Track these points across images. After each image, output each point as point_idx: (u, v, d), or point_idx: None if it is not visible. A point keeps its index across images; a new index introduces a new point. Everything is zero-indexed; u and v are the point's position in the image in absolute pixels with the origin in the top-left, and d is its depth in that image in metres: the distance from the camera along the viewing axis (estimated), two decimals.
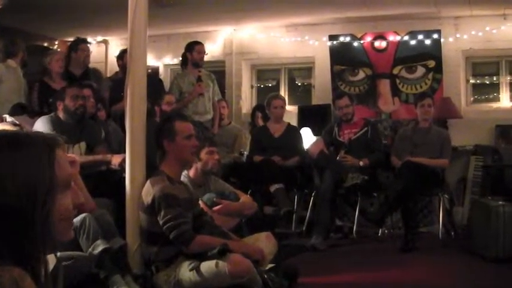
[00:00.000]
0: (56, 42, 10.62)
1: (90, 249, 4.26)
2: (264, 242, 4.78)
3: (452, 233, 7.79)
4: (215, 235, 4.42)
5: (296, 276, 4.84)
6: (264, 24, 10.26)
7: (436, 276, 5.72)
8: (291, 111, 10.00)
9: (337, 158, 7.54)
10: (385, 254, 6.70)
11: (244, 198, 5.66)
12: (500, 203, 6.46)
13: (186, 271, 4.06)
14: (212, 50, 10.31)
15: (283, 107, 8.28)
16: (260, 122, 8.98)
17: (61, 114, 5.94)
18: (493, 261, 6.17)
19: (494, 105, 9.89)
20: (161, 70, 11.18)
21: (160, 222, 4.17)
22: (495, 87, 9.99)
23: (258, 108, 9.29)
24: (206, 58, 8.61)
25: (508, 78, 9.83)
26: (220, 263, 3.93)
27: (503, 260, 6.14)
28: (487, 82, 10.08)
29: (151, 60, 10.74)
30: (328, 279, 5.51)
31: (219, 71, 10.27)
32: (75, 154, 5.43)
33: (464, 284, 5.40)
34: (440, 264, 6.20)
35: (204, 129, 8.00)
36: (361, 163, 7.51)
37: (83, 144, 5.96)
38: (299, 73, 10.96)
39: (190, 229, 4.18)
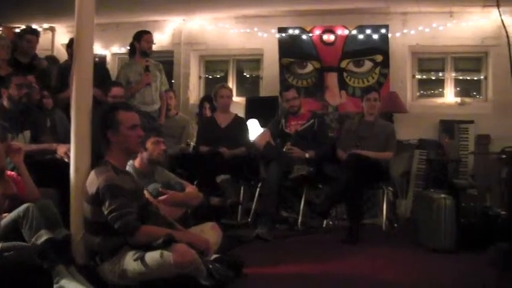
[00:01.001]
0: (0, 29, 10.44)
1: (33, 240, 4.20)
2: (209, 232, 4.80)
3: (396, 225, 7.91)
4: (160, 225, 4.40)
5: (241, 266, 4.84)
6: (214, 15, 10.24)
7: (380, 267, 5.78)
8: (238, 102, 10.04)
9: (284, 149, 7.59)
10: (329, 245, 6.75)
11: (190, 188, 5.67)
12: (442, 195, 6.57)
13: (130, 261, 4.01)
14: (161, 39, 10.29)
15: (229, 97, 8.30)
16: (208, 113, 8.98)
17: (5, 102, 5.89)
18: (434, 251, 6.31)
19: (439, 100, 10.06)
20: (109, 59, 11.07)
21: (105, 213, 4.11)
22: (440, 83, 10.15)
23: (206, 99, 9.28)
24: (154, 48, 8.55)
25: (453, 74, 10.02)
26: (165, 253, 3.91)
27: (444, 251, 6.29)
28: (433, 78, 10.23)
29: (99, 49, 10.67)
30: (273, 269, 5.52)
31: (167, 61, 10.20)
32: (19, 143, 5.38)
33: (407, 274, 5.47)
34: (383, 255, 6.27)
35: (151, 120, 7.97)
36: (307, 155, 7.57)
37: (27, 133, 5.90)
38: (247, 65, 10.95)
39: (135, 219, 4.14)
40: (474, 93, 10.10)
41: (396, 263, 5.98)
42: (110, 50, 10.95)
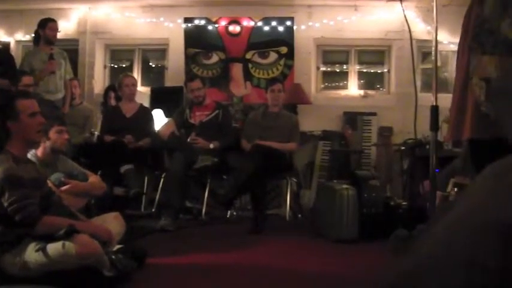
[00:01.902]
0: None
1: None
2: (112, 222, 4.75)
3: (300, 216, 8.00)
4: (62, 215, 4.31)
5: (144, 257, 4.82)
6: (120, 4, 10.10)
7: (284, 257, 5.80)
8: (143, 92, 9.93)
9: (188, 140, 7.56)
10: (234, 236, 6.75)
11: (93, 178, 5.58)
12: (345, 186, 6.66)
13: (32, 252, 3.92)
14: (66, 27, 10.05)
15: (134, 85, 8.22)
16: (113, 102, 8.87)
17: None
18: (337, 241, 6.38)
19: (343, 92, 10.22)
20: (12, 46, 10.76)
21: (5, 204, 4.01)
22: (344, 76, 10.31)
23: (111, 88, 9.19)
24: (60, 36, 8.39)
25: (357, 67, 10.20)
26: (67, 244, 3.85)
27: (347, 241, 6.37)
28: (337, 70, 10.37)
29: (2, 36, 10.39)
30: (177, 260, 5.49)
31: (72, 50, 9.99)
32: None
33: (310, 264, 5.52)
34: (287, 246, 6.31)
35: (55, 108, 7.81)
36: (211, 145, 7.55)
37: None
38: (153, 54, 10.86)
39: (36, 210, 4.05)
40: (377, 85, 10.30)
41: (299, 253, 6.01)
42: (14, 37, 10.63)
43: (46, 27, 8.05)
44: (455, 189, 4.17)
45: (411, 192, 7.86)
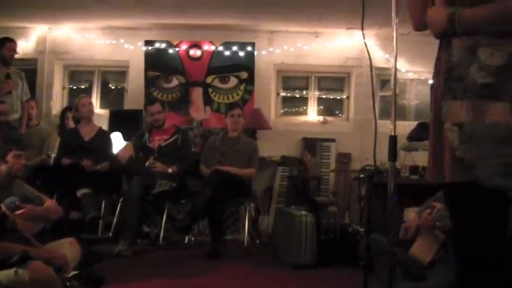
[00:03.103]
0: None
1: None
2: (68, 248, 4.66)
3: (257, 241, 7.98)
4: (16, 241, 4.22)
5: (100, 283, 4.73)
6: (80, 25, 10.00)
7: (241, 283, 5.82)
8: (102, 114, 9.86)
9: (146, 164, 7.50)
10: (191, 261, 6.73)
11: (49, 202, 5.48)
12: (304, 212, 6.70)
13: None
14: (25, 47, 9.94)
15: (91, 104, 8.19)
16: (70, 124, 8.77)
17: None
18: (295, 267, 6.41)
19: (302, 118, 10.25)
20: None
21: None
22: (304, 101, 10.34)
23: (68, 109, 9.06)
24: (18, 55, 8.31)
25: (316, 93, 10.24)
26: (20, 270, 3.76)
27: (305, 266, 6.41)
28: (297, 96, 10.40)
29: None
30: (134, 286, 5.45)
31: (30, 70, 9.83)
32: None
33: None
34: (245, 271, 6.31)
35: (11, 129, 7.70)
36: (169, 170, 7.50)
37: None
38: (112, 76, 10.77)
39: None
40: (336, 112, 10.34)
41: (257, 279, 6.01)
42: None
43: (3, 47, 7.95)
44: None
45: (369, 218, 7.88)
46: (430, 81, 8.71)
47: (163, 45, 9.82)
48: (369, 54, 3.74)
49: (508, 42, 2.45)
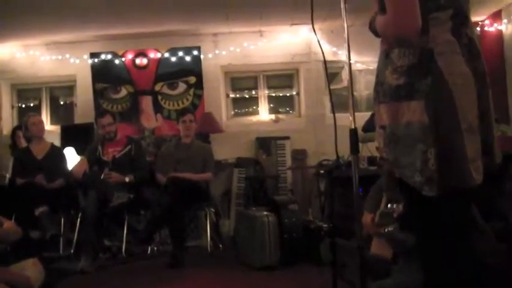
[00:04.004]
0: None
1: None
2: (31, 269, 4.59)
3: (220, 246, 7.94)
4: None
5: None
6: (24, 42, 9.86)
7: None
8: (53, 131, 9.74)
9: (102, 176, 7.42)
10: (154, 271, 6.65)
11: (8, 224, 5.36)
12: (264, 213, 6.65)
13: None
14: None
15: (41, 122, 8.05)
16: (22, 143, 8.61)
17: None
18: (260, 269, 6.37)
19: (254, 118, 10.24)
20: None
21: None
22: (254, 101, 10.34)
23: (18, 127, 8.92)
24: None
25: (266, 91, 10.24)
26: None
27: (270, 267, 6.37)
28: (247, 96, 10.39)
29: None
30: None
31: None
32: None
33: None
34: (209, 277, 6.25)
35: None
36: (126, 179, 7.44)
37: None
38: (61, 92, 10.63)
39: None
40: (288, 109, 10.35)
41: (222, 284, 5.97)
42: None
43: None
44: (391, 205, 4.19)
45: (330, 213, 7.89)
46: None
47: (109, 56, 9.75)
48: (321, 48, 3.71)
49: (419, 39, 2.47)
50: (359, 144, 3.23)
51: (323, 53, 3.72)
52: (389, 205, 4.18)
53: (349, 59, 3.31)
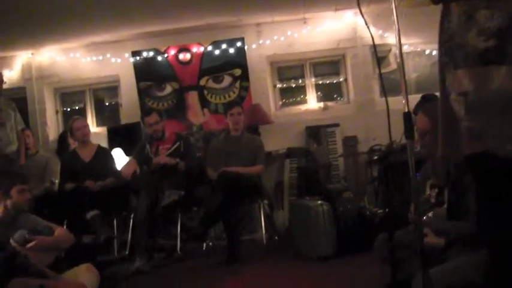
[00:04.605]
0: None
1: None
2: (85, 274, 4.51)
3: (276, 237, 7.84)
4: (31, 275, 4.07)
5: None
6: (63, 45, 9.85)
7: (266, 283, 5.69)
8: (99, 132, 9.75)
9: (153, 161, 7.42)
10: (211, 268, 6.57)
11: (59, 230, 5.31)
12: (319, 202, 6.53)
13: None
14: (10, 76, 9.81)
15: (85, 126, 7.98)
16: (75, 145, 8.55)
17: None
18: (318, 260, 6.25)
19: (303, 107, 10.09)
20: None
21: None
22: (301, 90, 10.19)
23: (66, 132, 8.89)
24: (5, 86, 8.11)
25: (313, 80, 10.08)
26: None
27: (327, 258, 6.26)
28: (293, 85, 10.23)
29: None
30: None
31: (19, 98, 9.68)
32: None
33: (295, 286, 5.37)
34: (266, 271, 6.19)
35: (10, 162, 7.52)
36: (177, 160, 7.47)
37: None
38: (105, 93, 10.60)
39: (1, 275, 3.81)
40: (336, 96, 10.17)
41: (281, 277, 5.87)
42: None
43: None
44: (435, 190, 4.03)
45: (385, 198, 7.73)
46: (427, 52, 8.57)
47: (151, 54, 9.66)
48: (370, 33, 3.58)
49: (508, 2, 2.28)
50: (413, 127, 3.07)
51: (372, 36, 3.57)
52: (428, 191, 4.03)
53: (400, 41, 3.14)
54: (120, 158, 8.46)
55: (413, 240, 3.45)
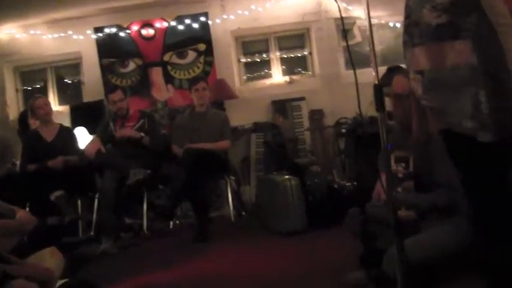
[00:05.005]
0: None
1: None
2: (50, 259, 4.41)
3: (243, 213, 7.82)
4: None
5: (92, 286, 4.51)
6: (23, 22, 9.60)
7: (236, 260, 5.67)
8: (62, 111, 9.56)
9: (117, 136, 7.36)
10: (180, 246, 6.52)
11: (21, 213, 5.18)
12: (287, 177, 6.53)
13: None
14: None
15: (47, 105, 7.75)
16: (37, 124, 8.37)
17: None
18: (286, 235, 6.24)
19: (267, 81, 10.01)
20: None
21: None
22: (266, 64, 10.11)
23: (26, 112, 8.69)
24: None
25: (278, 54, 10.01)
26: None
27: (297, 232, 6.26)
28: (258, 60, 10.14)
29: None
30: (127, 284, 5.22)
31: None
32: None
33: (267, 264, 5.33)
34: (236, 247, 6.17)
35: None
36: (142, 134, 7.40)
37: None
38: (67, 70, 10.39)
39: None
40: (301, 69, 10.12)
41: (250, 253, 5.85)
42: None
43: None
44: (402, 164, 4.00)
45: (354, 170, 7.74)
46: (391, 25, 8.54)
47: (114, 30, 9.49)
48: (338, 6, 3.49)
49: None
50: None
51: (339, 8, 3.51)
52: (393, 165, 3.99)
53: (369, 12, 3.08)
54: (83, 137, 8.32)
55: (384, 214, 3.44)
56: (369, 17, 2.97)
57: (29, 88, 10.25)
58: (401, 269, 2.72)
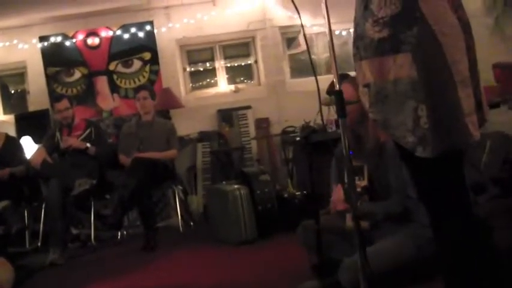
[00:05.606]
0: None
1: None
2: None
3: (191, 223, 7.80)
4: None
5: None
6: None
7: (184, 270, 5.62)
8: (7, 121, 9.43)
9: (61, 145, 7.26)
10: (127, 256, 6.50)
11: None
12: (236, 186, 6.51)
13: None
14: None
15: None
16: None
17: None
18: (237, 245, 6.24)
19: (213, 90, 10.04)
20: None
21: None
22: (212, 73, 10.14)
23: None
24: None
25: (223, 62, 10.04)
26: None
27: (247, 242, 6.26)
28: (203, 69, 10.16)
29: None
30: None
31: None
32: None
33: (217, 273, 5.32)
34: (185, 257, 6.15)
35: None
36: (88, 145, 7.32)
37: None
38: (11, 79, 10.24)
39: None
40: (246, 78, 10.17)
41: (201, 264, 5.82)
42: None
43: None
44: (359, 178, 4.06)
45: (302, 179, 7.78)
46: (337, 33, 8.65)
47: (59, 39, 9.41)
48: (300, 16, 3.51)
49: None
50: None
51: (302, 20, 3.54)
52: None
53: (329, 19, 3.09)
54: (29, 147, 8.23)
55: (337, 225, 3.49)
56: (329, 25, 2.99)
57: None
58: (365, 277, 2.75)
